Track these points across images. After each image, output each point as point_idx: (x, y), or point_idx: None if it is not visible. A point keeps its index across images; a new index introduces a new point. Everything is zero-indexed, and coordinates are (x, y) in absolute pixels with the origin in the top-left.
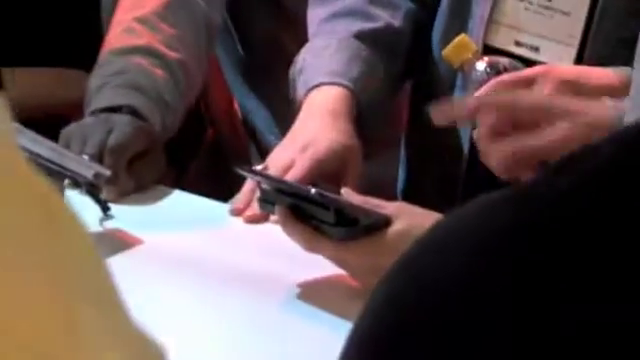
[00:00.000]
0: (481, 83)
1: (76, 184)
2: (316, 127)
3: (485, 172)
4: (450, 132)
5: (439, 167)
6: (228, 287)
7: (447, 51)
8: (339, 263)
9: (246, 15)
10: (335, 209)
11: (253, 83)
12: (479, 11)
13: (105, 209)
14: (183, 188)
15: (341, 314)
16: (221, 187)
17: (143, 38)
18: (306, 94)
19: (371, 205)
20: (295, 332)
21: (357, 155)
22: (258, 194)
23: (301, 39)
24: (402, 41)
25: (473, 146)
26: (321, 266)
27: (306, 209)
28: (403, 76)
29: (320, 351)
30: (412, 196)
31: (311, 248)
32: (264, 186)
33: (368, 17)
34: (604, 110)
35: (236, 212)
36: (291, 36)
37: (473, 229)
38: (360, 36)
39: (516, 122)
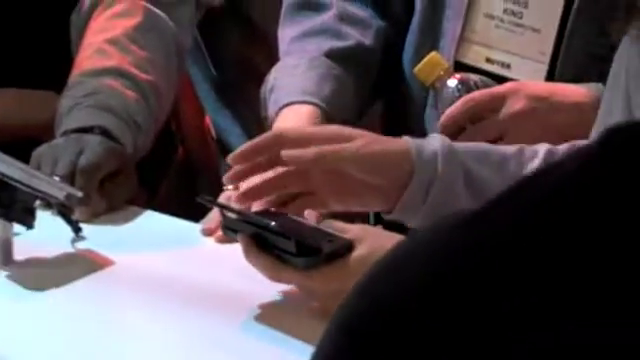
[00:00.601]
0: (452, 100)
1: (48, 205)
2: None
3: None
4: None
5: None
6: (195, 307)
7: (418, 68)
8: (303, 290)
9: (217, 34)
10: (296, 240)
11: (226, 101)
12: (450, 29)
13: (77, 230)
14: (154, 208)
15: (302, 337)
16: (192, 207)
17: (114, 59)
18: (277, 112)
19: (334, 228)
20: (255, 354)
21: None
22: (223, 222)
23: (273, 58)
24: (373, 59)
25: None
26: (289, 287)
27: (268, 238)
28: (374, 94)
29: None
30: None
31: (274, 277)
32: (227, 214)
33: (339, 36)
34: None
35: (207, 232)
36: (262, 55)
37: (426, 249)
38: (331, 55)
39: None
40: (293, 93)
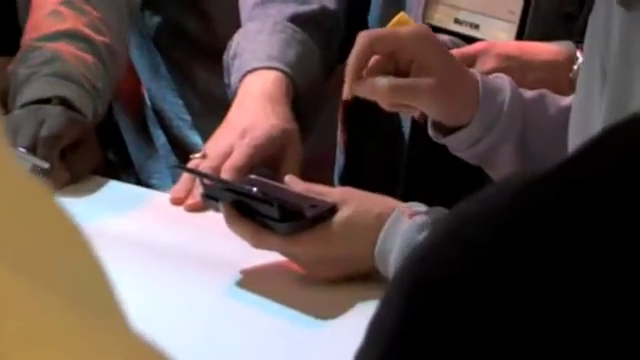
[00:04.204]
0: None
1: None
2: (254, 112)
3: (427, 156)
4: (389, 116)
5: (379, 152)
6: (173, 275)
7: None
8: (287, 255)
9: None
10: (279, 205)
11: (159, 68)
12: None
13: None
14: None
15: (286, 302)
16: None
17: (68, 21)
18: (241, 79)
19: (315, 192)
20: (238, 319)
21: (296, 139)
22: (201, 190)
23: (205, 24)
24: (337, 23)
25: (414, 130)
26: (267, 252)
27: (250, 205)
28: (339, 58)
29: (261, 337)
30: (351, 181)
31: (258, 244)
32: (206, 182)
33: (302, 0)
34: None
35: (177, 201)
36: (195, 21)
37: (495, 210)
38: (294, 19)
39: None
40: (257, 59)
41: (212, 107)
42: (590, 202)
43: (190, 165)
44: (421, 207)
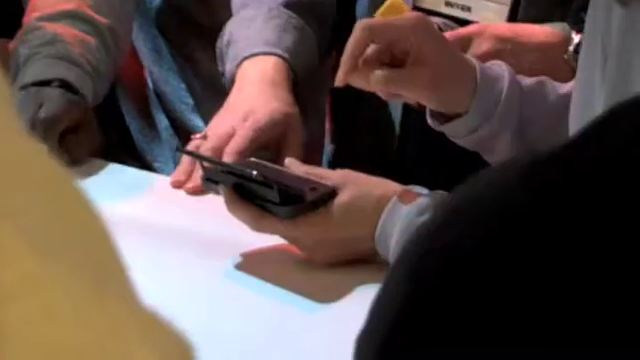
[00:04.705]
0: None
1: None
2: (255, 96)
3: (418, 142)
4: (378, 103)
5: (369, 139)
6: (174, 257)
7: (380, 13)
8: (287, 239)
9: None
10: (279, 188)
11: (162, 51)
12: None
13: None
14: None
15: (285, 285)
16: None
17: (72, 3)
18: (238, 65)
19: (315, 175)
20: (238, 302)
21: (298, 123)
22: (201, 173)
23: (208, 7)
24: (328, 10)
25: (405, 117)
26: (267, 236)
27: (250, 188)
28: (329, 45)
29: (262, 320)
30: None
31: (258, 228)
32: (207, 165)
33: None
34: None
35: (177, 184)
36: (198, 4)
37: (500, 191)
38: (289, 5)
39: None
40: (254, 45)
41: (214, 91)
42: (595, 182)
43: (191, 145)
44: (422, 190)
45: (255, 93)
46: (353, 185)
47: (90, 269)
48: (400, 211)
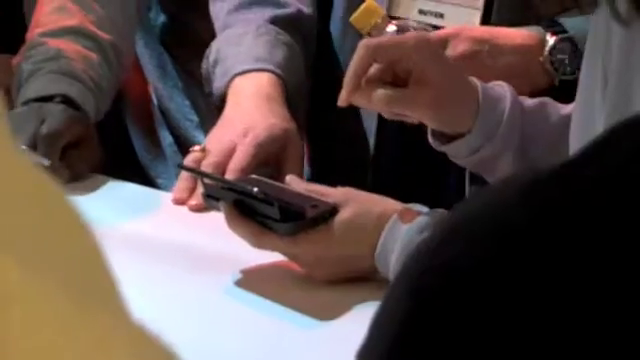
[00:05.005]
0: None
1: None
2: (253, 112)
3: (394, 153)
4: (353, 115)
5: (345, 151)
6: (174, 273)
7: (355, 17)
8: (288, 256)
9: None
10: (279, 205)
11: (166, 67)
12: None
13: None
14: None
15: (286, 302)
16: (128, 172)
17: (76, 18)
18: (229, 82)
19: (316, 192)
20: (238, 319)
21: (296, 138)
22: (202, 189)
23: (212, 24)
24: (312, 26)
25: (380, 129)
26: (267, 252)
27: (251, 204)
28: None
29: (261, 337)
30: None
31: (258, 244)
32: (207, 181)
33: (278, 4)
34: None
35: (180, 201)
36: (202, 21)
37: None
38: (275, 21)
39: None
40: (245, 61)
41: (219, 108)
42: (595, 200)
43: (190, 159)
44: (422, 208)
45: (252, 107)
46: (354, 203)
47: (77, 283)
48: (400, 229)
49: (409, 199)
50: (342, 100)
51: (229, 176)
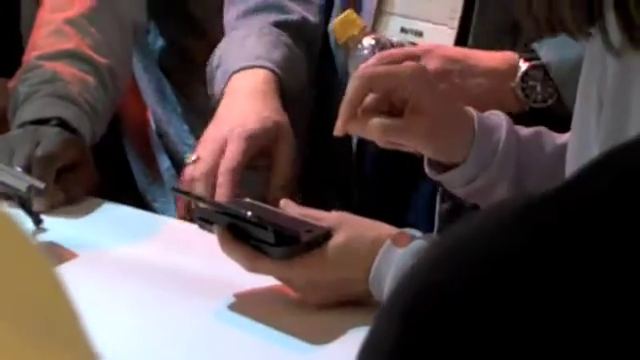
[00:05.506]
0: (367, 58)
1: (7, 197)
2: (246, 106)
3: (375, 171)
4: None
5: (328, 170)
6: (166, 298)
7: (335, 25)
8: (281, 280)
9: (151, 19)
10: (274, 229)
11: (165, 91)
12: (368, 1)
13: (37, 222)
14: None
15: (279, 327)
16: (127, 196)
17: (72, 41)
18: (228, 80)
19: (310, 217)
20: (230, 343)
21: (288, 132)
22: (196, 213)
23: (212, 49)
24: (316, 35)
25: (360, 146)
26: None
27: (244, 228)
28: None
29: None
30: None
31: (252, 268)
32: (201, 205)
33: (284, 10)
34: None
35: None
36: (201, 46)
37: (492, 233)
38: (279, 26)
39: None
40: (244, 59)
41: None
42: (589, 225)
43: (186, 174)
44: (416, 232)
45: (244, 105)
46: (348, 227)
47: (37, 326)
48: (395, 254)
49: (393, 218)
50: (338, 130)
51: (221, 179)
